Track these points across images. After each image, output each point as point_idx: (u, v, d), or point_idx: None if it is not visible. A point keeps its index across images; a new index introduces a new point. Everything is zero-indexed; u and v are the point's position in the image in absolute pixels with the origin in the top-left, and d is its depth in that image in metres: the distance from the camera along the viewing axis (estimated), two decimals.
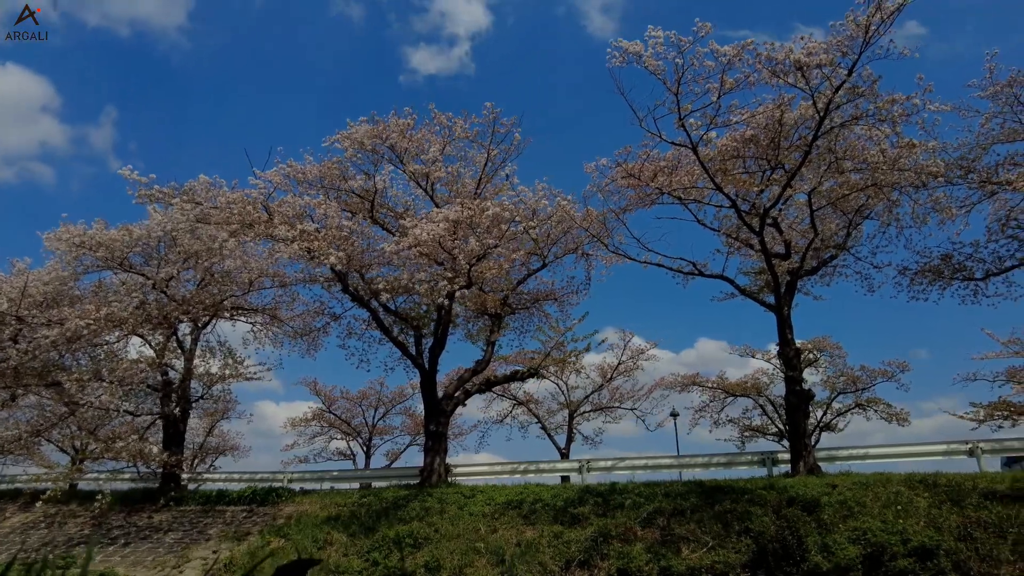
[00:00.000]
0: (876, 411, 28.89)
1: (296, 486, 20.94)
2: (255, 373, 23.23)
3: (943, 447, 16.83)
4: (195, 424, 30.96)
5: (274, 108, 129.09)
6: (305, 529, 14.62)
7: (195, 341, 22.27)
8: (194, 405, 23.27)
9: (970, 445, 16.34)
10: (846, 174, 16.19)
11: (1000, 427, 28.83)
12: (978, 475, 13.44)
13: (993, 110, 16.38)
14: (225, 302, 21.33)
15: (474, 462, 22.23)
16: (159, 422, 21.62)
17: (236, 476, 23.20)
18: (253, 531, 15.41)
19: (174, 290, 20.22)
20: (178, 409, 21.16)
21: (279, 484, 20.63)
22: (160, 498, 18.56)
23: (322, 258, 15.29)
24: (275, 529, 15.16)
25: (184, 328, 22.16)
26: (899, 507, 11.60)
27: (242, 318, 22.70)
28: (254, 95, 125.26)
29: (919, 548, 10.21)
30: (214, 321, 22.40)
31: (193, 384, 22.25)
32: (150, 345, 20.96)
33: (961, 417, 29.58)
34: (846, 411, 29.70)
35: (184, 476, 22.31)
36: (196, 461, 32.02)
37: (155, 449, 18.56)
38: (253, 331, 22.85)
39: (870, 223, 18.74)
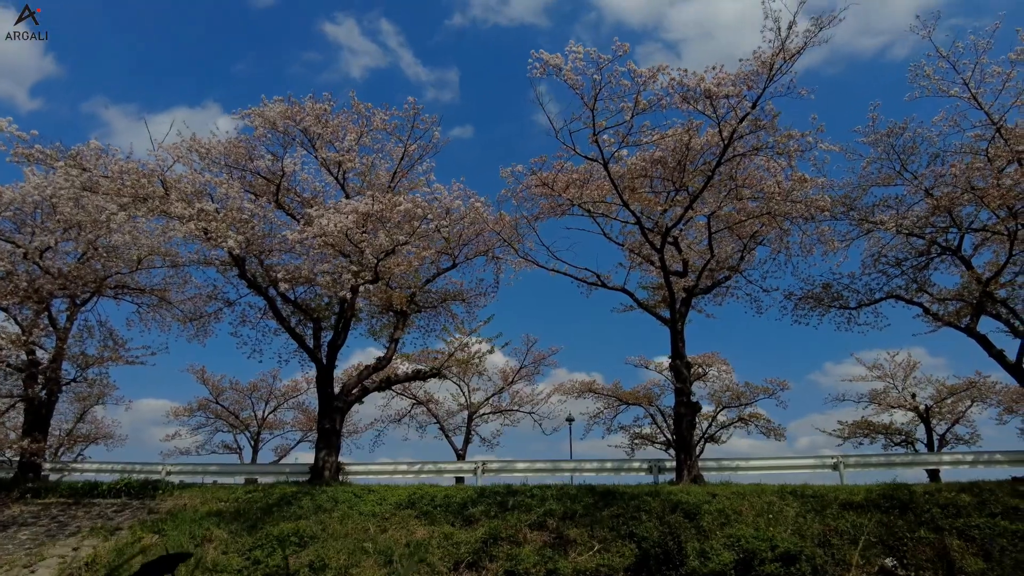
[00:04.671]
0: (757, 425, 30.92)
1: (176, 479, 19.75)
2: (138, 357, 21.79)
3: (812, 461, 18.13)
4: (64, 409, 28.60)
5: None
6: (182, 524, 13.78)
7: (71, 319, 20.60)
8: (65, 388, 21.51)
9: (835, 459, 17.71)
10: (744, 201, 17.22)
11: (861, 444, 31.64)
12: (839, 487, 14.60)
13: (873, 155, 18.00)
14: (109, 279, 19.86)
15: (370, 461, 21.85)
16: (19, 405, 19.80)
17: (108, 467, 21.57)
18: (124, 526, 14.35)
19: (50, 262, 18.60)
20: (45, 392, 19.45)
21: (157, 476, 19.38)
22: (15, 489, 16.95)
23: (219, 240, 14.51)
24: (149, 524, 14.19)
25: (59, 304, 20.44)
26: (771, 515, 12.43)
27: (127, 297, 21.23)
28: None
29: (785, 554, 10.97)
30: (95, 299, 20.81)
31: (65, 366, 20.55)
32: (15, 320, 19.18)
33: (829, 434, 32.27)
34: (730, 424, 31.57)
35: (47, 465, 20.56)
36: (62, 449, 29.55)
37: (12, 435, 16.98)
38: (139, 312, 21.40)
39: (762, 249, 20.05)
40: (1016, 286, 17.89)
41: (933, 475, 20.42)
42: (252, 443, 34.81)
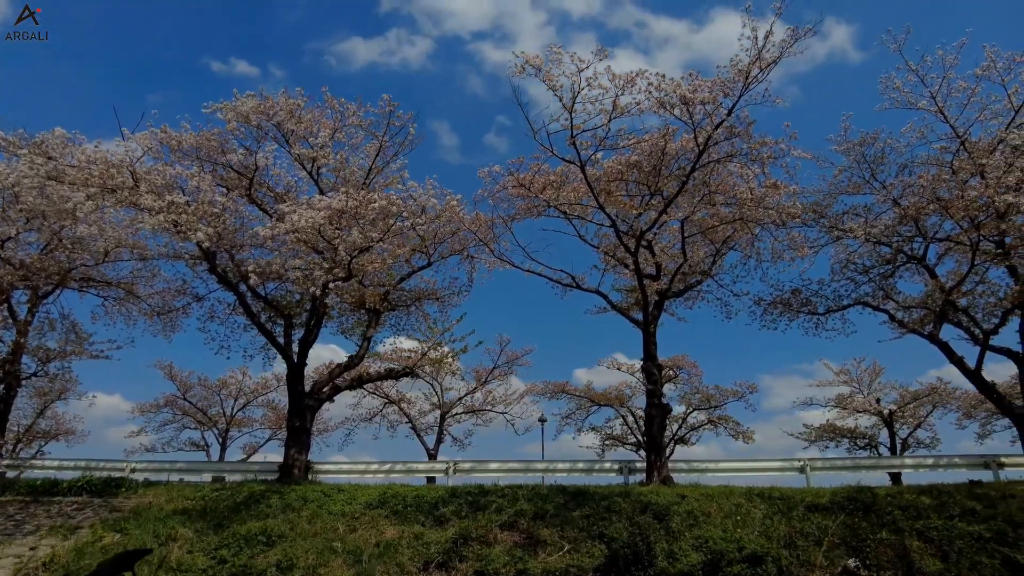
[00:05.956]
0: (725, 428, 31.37)
1: (140, 476, 19.30)
2: (102, 351, 21.31)
3: (779, 463, 18.39)
4: (23, 404, 27.88)
5: None
6: (146, 523, 13.48)
7: (32, 311, 20.03)
8: (24, 383, 20.94)
9: (801, 462, 18.00)
10: (717, 207, 17.45)
11: (827, 447, 32.30)
12: (806, 489, 14.85)
13: (844, 164, 18.36)
14: (74, 271, 19.36)
15: (340, 460, 21.61)
16: None
17: (70, 464, 20.98)
18: (85, 525, 13.99)
19: (11, 252, 18.07)
20: (3, 387, 18.90)
21: (120, 474, 18.94)
22: None
23: (189, 233, 14.23)
24: (111, 523, 13.85)
25: (20, 296, 19.87)
26: (738, 517, 12.59)
27: (92, 290, 20.71)
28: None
29: (752, 555, 11.12)
30: (58, 291, 20.28)
31: (25, 360, 20.00)
32: None
33: (797, 437, 32.89)
34: (699, 426, 31.99)
35: (4, 462, 19.99)
36: (20, 446, 28.76)
37: None
38: (104, 305, 20.90)
39: (733, 254, 20.33)
40: (976, 295, 18.39)
41: (895, 478, 20.90)
42: (220, 441, 34.31)
